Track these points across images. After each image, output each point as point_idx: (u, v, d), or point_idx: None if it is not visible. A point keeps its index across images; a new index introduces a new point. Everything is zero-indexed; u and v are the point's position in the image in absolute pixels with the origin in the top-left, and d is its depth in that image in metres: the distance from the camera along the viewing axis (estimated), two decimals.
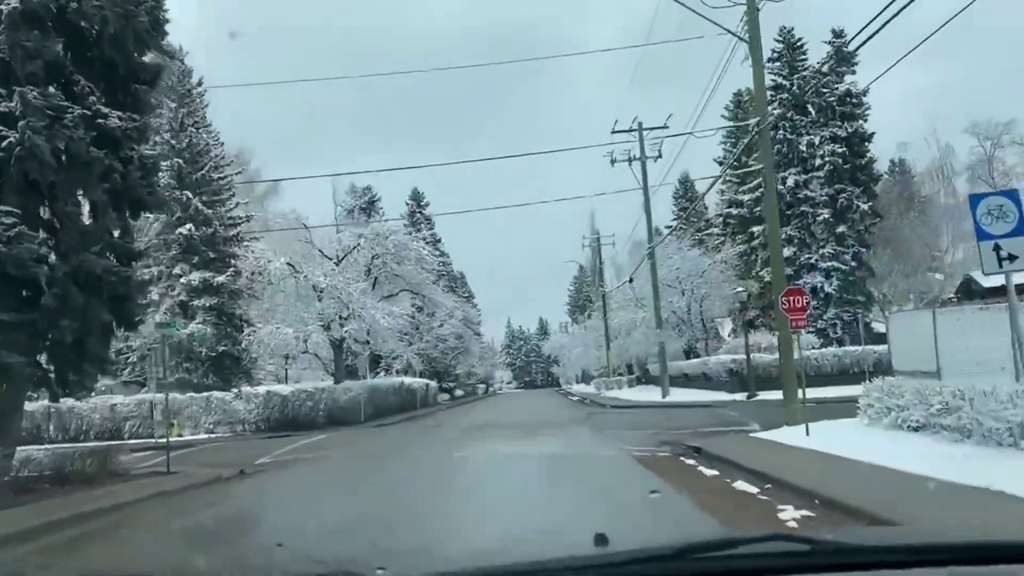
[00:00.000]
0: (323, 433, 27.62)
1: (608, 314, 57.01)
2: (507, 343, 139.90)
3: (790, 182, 36.78)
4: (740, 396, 31.26)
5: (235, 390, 30.13)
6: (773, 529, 5.24)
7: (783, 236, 38.90)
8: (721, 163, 48.34)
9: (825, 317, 35.84)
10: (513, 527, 8.13)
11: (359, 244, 34.59)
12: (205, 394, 30.02)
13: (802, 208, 36.71)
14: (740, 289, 30.39)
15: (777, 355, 35.22)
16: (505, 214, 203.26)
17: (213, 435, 29.18)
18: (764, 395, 30.62)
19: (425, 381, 50.78)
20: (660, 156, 34.81)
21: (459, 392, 70.81)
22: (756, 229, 39.31)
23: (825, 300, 36.18)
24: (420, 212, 72.38)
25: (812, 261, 36.08)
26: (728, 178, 47.82)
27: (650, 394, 39.33)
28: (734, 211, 47.74)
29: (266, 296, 36.18)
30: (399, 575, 2.10)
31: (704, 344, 44.32)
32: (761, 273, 38.22)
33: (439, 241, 76.07)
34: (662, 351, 34.36)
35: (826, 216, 35.63)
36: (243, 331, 33.44)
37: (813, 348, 32.96)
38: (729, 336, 50.83)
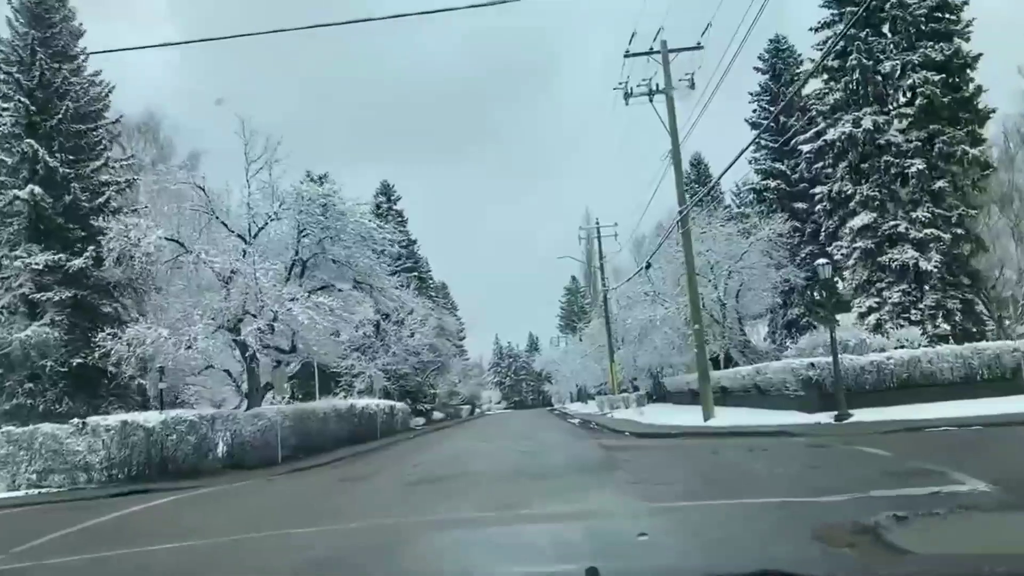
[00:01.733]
0: (199, 487, 17.74)
1: (611, 318, 47.24)
2: (495, 361, 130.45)
3: (866, 123, 26.86)
4: (823, 417, 21.37)
5: (76, 421, 20.05)
6: None
7: (857, 197, 28.84)
8: (754, 125, 38.85)
9: (922, 304, 25.82)
10: None
11: (276, 214, 24.66)
12: (30, 428, 19.99)
13: (883, 159, 26.80)
14: (823, 262, 20.62)
15: (871, 358, 25.54)
16: (495, 226, 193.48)
17: (39, 490, 19.34)
18: (860, 414, 20.91)
19: (390, 403, 40.97)
20: (693, 86, 25.01)
21: (438, 415, 61.03)
22: (820, 190, 29.14)
23: (918, 280, 26.07)
24: (390, 207, 62.90)
25: (900, 229, 26.10)
26: (764, 142, 38.27)
27: (675, 415, 29.55)
28: (772, 183, 38.05)
29: (167, 289, 26.41)
30: None
31: (741, 350, 34.54)
32: (830, 249, 28.41)
33: (414, 243, 67.32)
34: (701, 351, 24.31)
35: (919, 167, 25.78)
36: (109, 335, 23.33)
37: (922, 345, 23.23)
38: (765, 340, 41.24)
